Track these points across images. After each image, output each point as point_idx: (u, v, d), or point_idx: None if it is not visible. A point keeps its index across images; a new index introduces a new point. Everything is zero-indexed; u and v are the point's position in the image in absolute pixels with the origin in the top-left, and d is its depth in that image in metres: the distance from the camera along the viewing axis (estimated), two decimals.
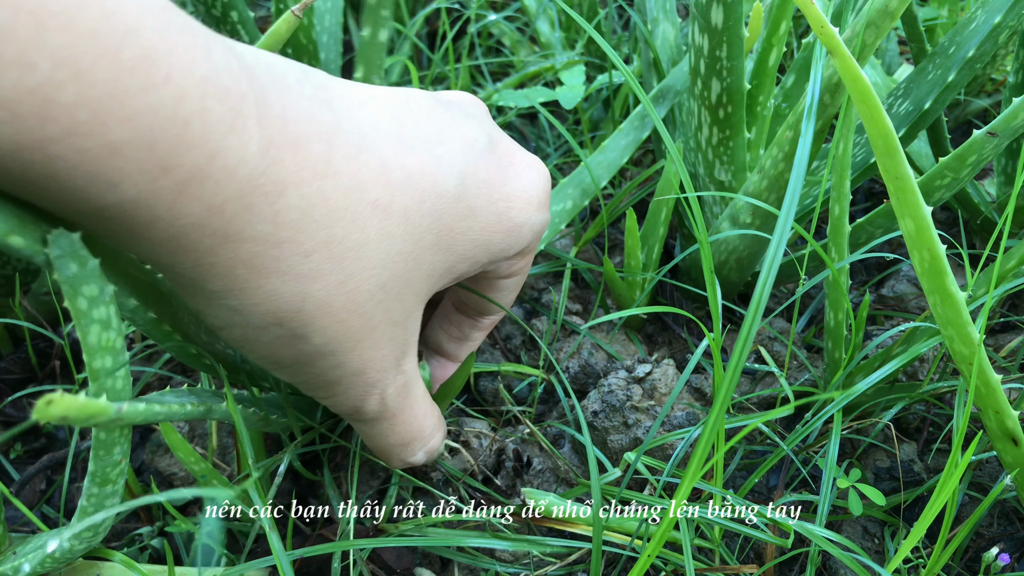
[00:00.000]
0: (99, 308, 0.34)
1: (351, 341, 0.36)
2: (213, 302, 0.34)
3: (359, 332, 0.36)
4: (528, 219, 0.43)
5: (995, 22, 0.55)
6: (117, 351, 0.36)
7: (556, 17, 1.05)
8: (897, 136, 0.38)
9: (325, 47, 0.94)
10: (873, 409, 0.62)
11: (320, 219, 0.33)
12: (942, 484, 0.44)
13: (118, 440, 0.40)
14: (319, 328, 0.35)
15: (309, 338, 0.35)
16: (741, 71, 0.57)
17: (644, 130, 0.72)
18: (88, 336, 0.34)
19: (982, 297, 0.52)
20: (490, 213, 0.40)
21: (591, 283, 0.77)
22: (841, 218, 0.52)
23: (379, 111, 0.37)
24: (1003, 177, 0.76)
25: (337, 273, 0.34)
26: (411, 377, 0.43)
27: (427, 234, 0.37)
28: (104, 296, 0.34)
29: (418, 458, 0.48)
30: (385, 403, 0.42)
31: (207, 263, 0.31)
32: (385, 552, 0.56)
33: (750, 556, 0.57)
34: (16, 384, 0.70)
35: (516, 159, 0.43)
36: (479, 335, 0.55)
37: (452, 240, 0.39)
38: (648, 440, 0.51)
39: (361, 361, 0.38)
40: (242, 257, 0.31)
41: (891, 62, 0.93)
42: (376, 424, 0.43)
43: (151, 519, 0.61)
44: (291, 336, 0.35)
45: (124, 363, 0.36)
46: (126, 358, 0.36)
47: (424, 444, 0.47)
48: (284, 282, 0.33)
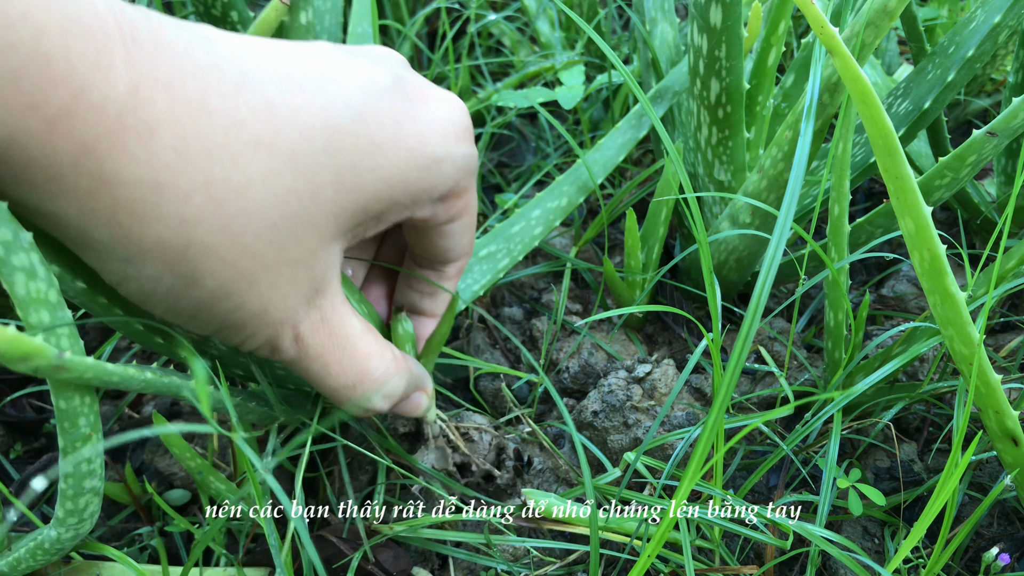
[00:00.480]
0: (18, 254, 0.33)
1: (244, 283, 0.36)
2: (104, 256, 0.34)
3: (252, 273, 0.36)
4: (448, 153, 0.41)
5: (995, 22, 0.55)
6: (53, 304, 0.34)
7: (556, 17, 1.05)
8: (897, 136, 0.38)
9: None
10: (873, 409, 0.62)
11: (197, 160, 0.32)
12: (942, 484, 0.44)
13: (81, 410, 0.38)
14: (208, 271, 0.35)
15: (201, 283, 0.35)
16: (740, 71, 0.57)
17: (641, 129, 0.72)
18: (15, 287, 0.33)
19: (982, 297, 0.52)
20: (400, 150, 0.39)
21: (591, 283, 0.77)
22: (841, 218, 0.52)
23: (267, 56, 0.36)
24: (1003, 177, 0.76)
25: (219, 216, 0.33)
26: (331, 315, 0.41)
27: (323, 171, 0.36)
28: (21, 242, 0.33)
29: (376, 403, 0.46)
30: (303, 341, 0.41)
31: (89, 209, 0.31)
32: (382, 552, 0.56)
33: (750, 556, 0.57)
34: (16, 384, 0.70)
35: (428, 95, 0.42)
36: (449, 284, 0.54)
37: (358, 178, 0.37)
38: (648, 440, 0.51)
39: (260, 302, 0.37)
40: (122, 202, 0.32)
41: (891, 62, 0.93)
42: (305, 364, 0.42)
43: (151, 519, 0.61)
44: (184, 283, 0.35)
45: (68, 321, 0.35)
46: (68, 315, 0.35)
47: (377, 387, 0.45)
48: (167, 228, 0.33)
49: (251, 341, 0.40)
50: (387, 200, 0.39)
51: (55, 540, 0.46)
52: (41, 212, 0.32)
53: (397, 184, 0.39)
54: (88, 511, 0.45)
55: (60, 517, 0.44)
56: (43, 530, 0.47)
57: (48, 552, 0.47)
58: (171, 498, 0.62)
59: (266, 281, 0.37)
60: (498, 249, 0.68)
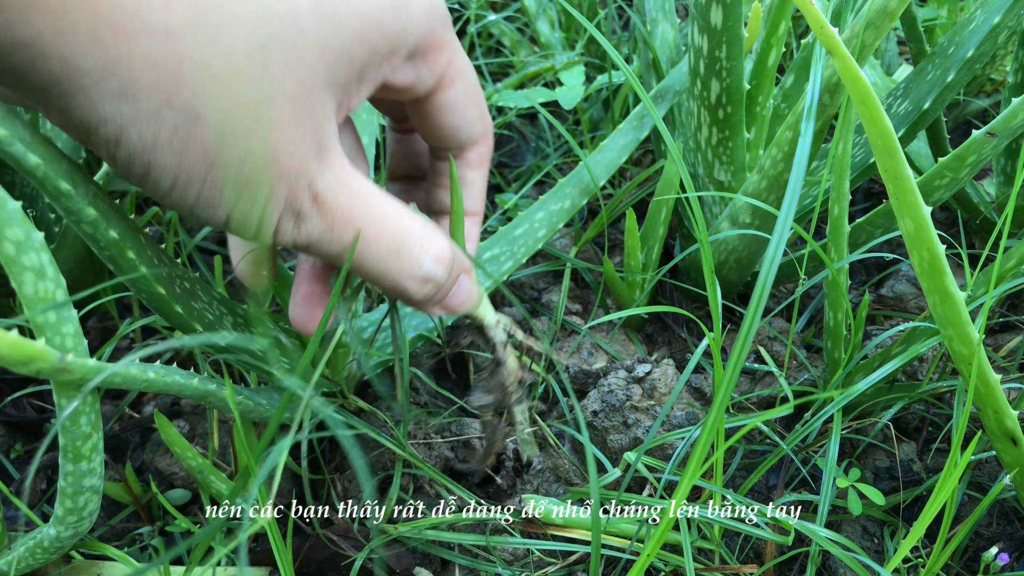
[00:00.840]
0: (28, 254, 0.33)
1: (247, 116, 0.35)
2: (96, 96, 0.33)
3: (253, 104, 0.35)
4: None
5: (994, 22, 0.55)
6: (59, 304, 0.35)
7: (556, 17, 1.05)
8: (896, 136, 0.39)
9: None
10: (872, 409, 0.62)
11: None
12: (941, 483, 0.44)
13: (82, 408, 0.39)
14: (207, 99, 0.34)
15: (203, 117, 0.34)
16: (740, 71, 0.57)
17: (643, 130, 0.72)
18: (23, 286, 0.33)
19: (981, 297, 0.52)
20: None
21: (591, 283, 0.77)
22: (840, 218, 0.52)
23: None
24: (1002, 177, 0.76)
25: (205, 27, 0.33)
26: (347, 176, 0.40)
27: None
28: (32, 242, 0.33)
29: (427, 267, 0.43)
30: (324, 202, 0.39)
31: (68, 26, 0.31)
32: (385, 552, 0.56)
33: (750, 556, 0.57)
34: (17, 384, 0.70)
35: None
36: (474, 173, 0.51)
37: (334, 10, 0.37)
38: (648, 440, 0.51)
39: (268, 146, 0.36)
40: (101, 14, 0.31)
41: (890, 62, 0.93)
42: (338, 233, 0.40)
43: (151, 519, 0.62)
44: (186, 121, 0.34)
45: (72, 319, 0.35)
46: (74, 315, 0.35)
47: (424, 246, 0.43)
48: (154, 40, 0.32)
49: (272, 208, 0.38)
50: (366, 44, 0.39)
51: (54, 538, 0.46)
52: (16, 44, 0.31)
53: (372, 23, 0.39)
54: (88, 509, 0.45)
55: (59, 515, 0.44)
56: (42, 528, 0.47)
57: (47, 550, 0.47)
58: (172, 497, 0.62)
59: (267, 116, 0.36)
60: (501, 252, 0.68)
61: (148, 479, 0.63)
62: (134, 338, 0.74)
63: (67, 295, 0.35)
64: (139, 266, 0.42)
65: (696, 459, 0.38)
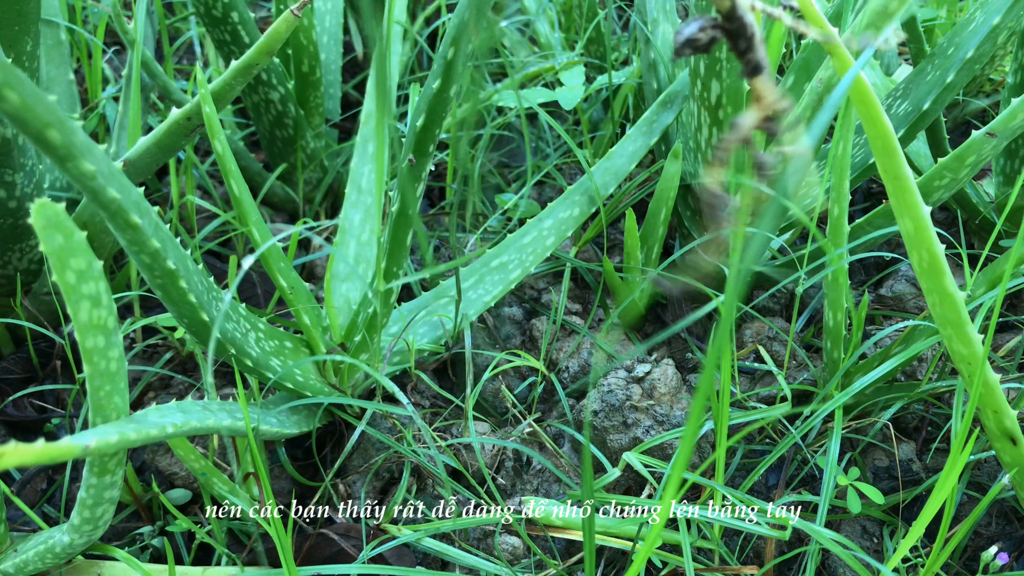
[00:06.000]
0: (88, 283, 0.34)
1: None
2: None
3: None
4: None
5: (994, 23, 0.55)
6: (109, 331, 0.36)
7: (556, 18, 1.05)
8: (896, 137, 0.39)
9: (325, 48, 0.95)
10: (872, 408, 0.62)
11: None
12: (941, 483, 0.44)
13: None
14: None
15: None
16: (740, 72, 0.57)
17: (652, 136, 0.72)
18: (79, 313, 0.34)
19: (980, 297, 0.52)
20: None
21: (591, 283, 0.77)
22: (840, 218, 0.52)
23: None
24: (1002, 177, 0.76)
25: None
26: None
27: None
28: (93, 271, 0.34)
29: None
30: None
31: None
32: (385, 552, 0.56)
33: (750, 556, 0.57)
34: (17, 384, 0.70)
35: None
36: None
37: None
38: (648, 440, 0.51)
39: None
40: None
41: (890, 63, 0.93)
42: None
43: (152, 518, 0.62)
44: None
45: (118, 344, 0.36)
46: (119, 339, 0.37)
47: None
48: None
49: None
50: None
51: (67, 545, 0.47)
52: None
53: None
54: (103, 519, 0.46)
55: (76, 524, 0.45)
56: (53, 534, 0.48)
57: (58, 556, 0.47)
58: (172, 498, 0.62)
59: None
60: (510, 260, 0.68)
61: (149, 479, 0.63)
62: (135, 338, 0.74)
63: (117, 322, 0.37)
64: (188, 295, 0.44)
65: (684, 452, 0.38)
